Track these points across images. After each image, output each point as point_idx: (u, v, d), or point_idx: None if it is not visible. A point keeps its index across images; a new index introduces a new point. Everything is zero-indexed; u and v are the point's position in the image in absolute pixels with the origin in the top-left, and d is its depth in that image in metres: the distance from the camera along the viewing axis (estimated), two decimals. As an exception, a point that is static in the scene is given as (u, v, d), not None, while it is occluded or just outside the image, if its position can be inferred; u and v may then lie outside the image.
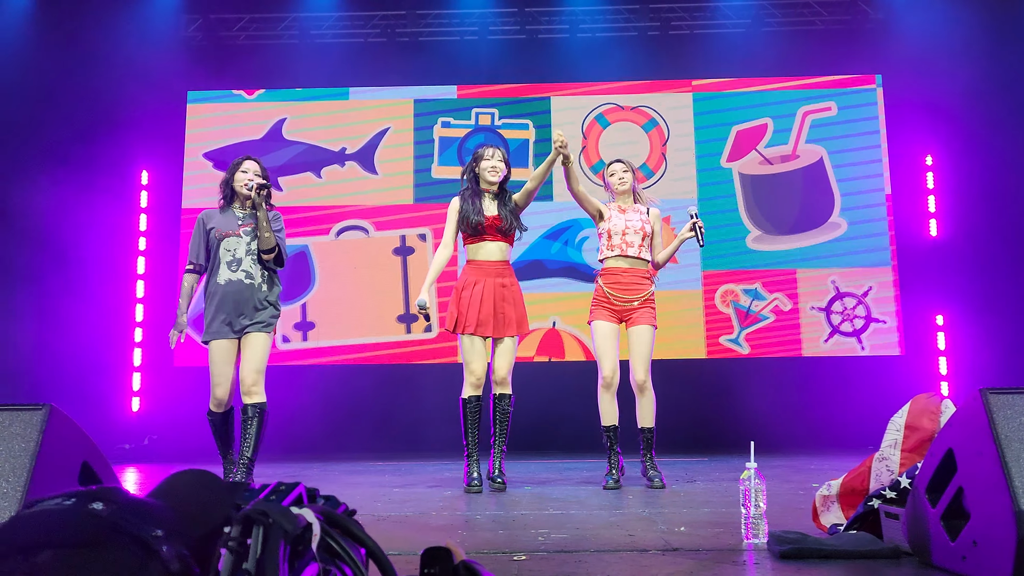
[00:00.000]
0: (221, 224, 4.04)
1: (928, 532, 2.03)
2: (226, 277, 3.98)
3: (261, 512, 1.12)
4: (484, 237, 4.14)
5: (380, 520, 3.04)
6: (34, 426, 1.89)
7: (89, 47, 7.13)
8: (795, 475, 4.60)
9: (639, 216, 4.28)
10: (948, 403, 2.37)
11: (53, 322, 6.67)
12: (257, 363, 3.97)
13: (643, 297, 4.20)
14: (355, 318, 7.30)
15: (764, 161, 7.48)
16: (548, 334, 7.27)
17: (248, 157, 4.16)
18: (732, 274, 7.33)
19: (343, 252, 7.44)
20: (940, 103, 7.16)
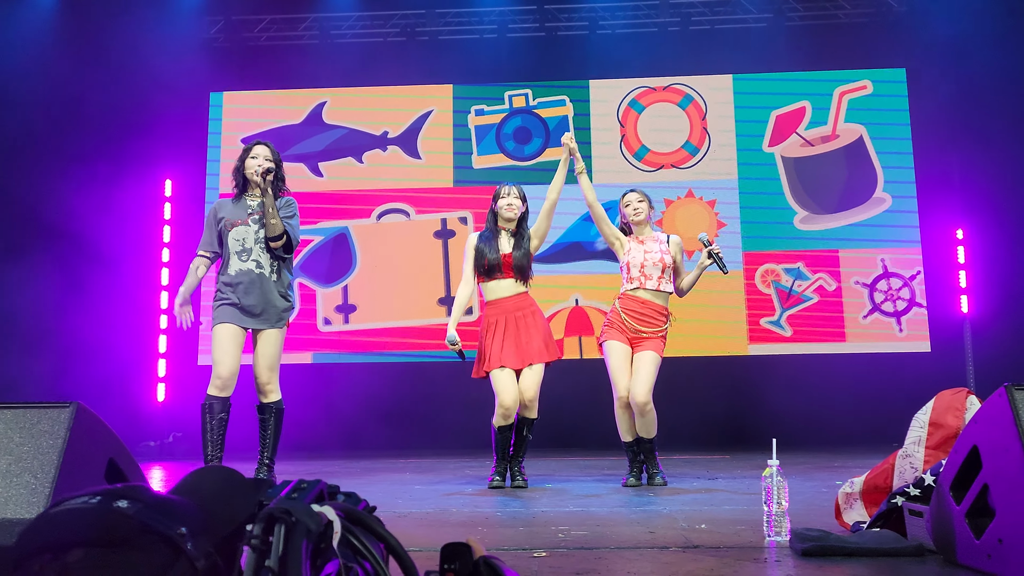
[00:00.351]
0: (231, 214, 3.91)
1: (953, 530, 2.01)
2: (237, 267, 3.85)
3: (284, 510, 1.13)
4: (497, 276, 4.21)
5: (401, 517, 3.06)
6: (61, 423, 1.92)
7: (112, 52, 7.22)
8: (818, 472, 4.57)
9: (659, 247, 4.25)
10: (973, 399, 2.34)
11: (80, 323, 6.76)
12: (271, 360, 3.86)
13: (656, 332, 4.20)
14: (397, 301, 7.34)
15: (805, 143, 7.47)
16: (573, 312, 7.30)
17: (259, 142, 4.00)
18: (774, 255, 7.32)
19: (384, 235, 7.51)
20: (968, 98, 7.06)
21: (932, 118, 7.31)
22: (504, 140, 7.60)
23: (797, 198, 7.39)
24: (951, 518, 2.02)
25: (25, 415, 1.94)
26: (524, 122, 7.63)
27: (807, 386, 6.91)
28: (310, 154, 7.65)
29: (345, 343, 7.37)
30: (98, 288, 6.90)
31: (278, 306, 3.89)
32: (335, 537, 1.18)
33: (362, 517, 1.26)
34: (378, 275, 7.43)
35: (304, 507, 1.16)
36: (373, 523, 1.27)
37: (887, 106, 7.49)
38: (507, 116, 7.66)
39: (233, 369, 3.81)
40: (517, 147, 7.62)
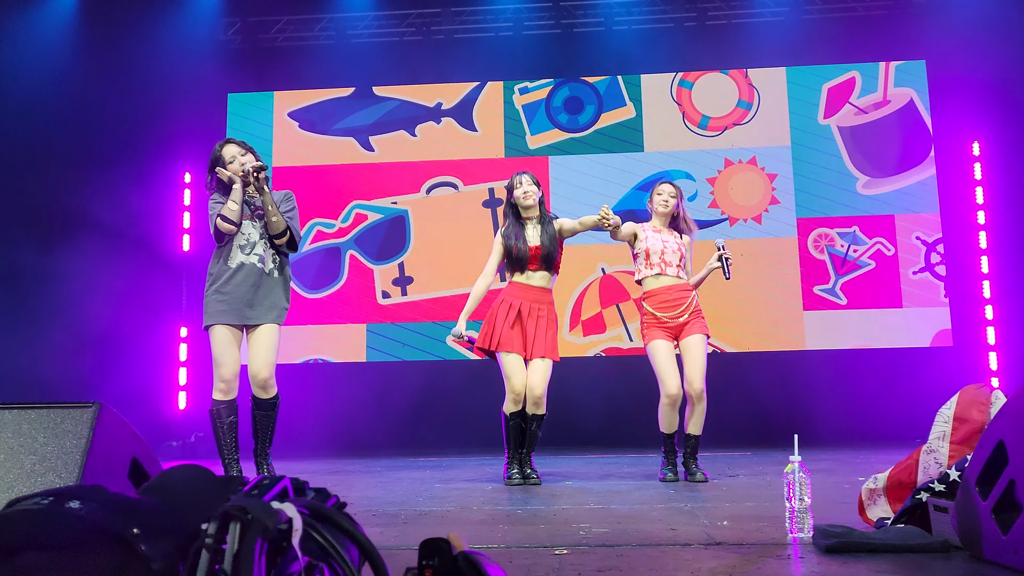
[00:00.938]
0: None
1: (979, 526, 1.99)
2: (239, 260, 3.79)
3: (240, 508, 1.10)
4: (528, 268, 4.20)
5: (421, 515, 3.07)
6: (85, 423, 1.94)
7: (131, 55, 7.28)
8: (841, 468, 4.53)
9: (675, 238, 4.35)
10: (998, 394, 2.31)
11: (102, 322, 6.82)
12: (269, 356, 3.80)
13: (690, 309, 4.25)
14: (451, 271, 7.39)
15: (859, 112, 7.45)
16: (603, 281, 7.36)
17: (224, 143, 3.90)
18: (829, 220, 7.32)
19: (435, 208, 7.58)
20: (987, 88, 6.98)
21: (953, 108, 7.23)
22: (555, 114, 7.62)
23: (857, 164, 7.39)
24: (977, 513, 1.99)
25: (49, 415, 1.96)
26: (572, 91, 7.65)
27: (827, 383, 6.86)
28: (360, 128, 7.71)
29: (403, 314, 7.44)
30: (119, 293, 6.95)
31: (277, 303, 3.85)
32: (295, 535, 1.14)
33: (329, 514, 1.23)
34: (431, 248, 7.52)
35: (262, 504, 1.13)
36: (341, 520, 1.23)
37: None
38: (553, 88, 7.68)
39: (236, 371, 3.81)
40: (571, 118, 7.62)
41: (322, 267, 7.58)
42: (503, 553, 2.25)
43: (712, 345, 5.98)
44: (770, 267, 7.25)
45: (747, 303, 7.12)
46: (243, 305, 3.78)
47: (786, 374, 6.98)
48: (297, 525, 1.15)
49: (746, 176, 7.41)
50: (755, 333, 7.18)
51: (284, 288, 3.92)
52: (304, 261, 7.52)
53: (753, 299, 7.16)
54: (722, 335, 7.01)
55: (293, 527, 1.15)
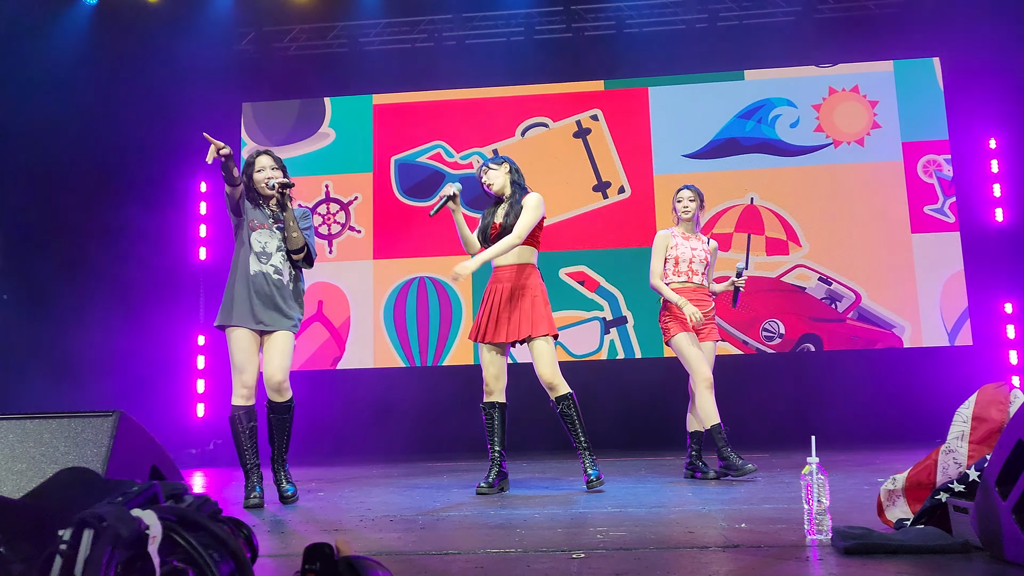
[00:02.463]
0: (254, 216, 3.91)
1: (999, 526, 1.97)
2: (256, 268, 3.85)
3: (95, 515, 1.09)
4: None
5: (439, 521, 3.07)
6: (105, 432, 1.96)
7: (145, 66, 7.36)
8: (859, 469, 4.50)
9: (702, 245, 4.54)
10: (1017, 393, 2.30)
11: (122, 331, 6.89)
12: (284, 361, 3.83)
13: (709, 313, 4.51)
14: (557, 198, 7.44)
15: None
16: (746, 210, 7.42)
17: (261, 152, 3.99)
18: (933, 144, 7.32)
19: (530, 149, 7.69)
20: (1003, 85, 6.93)
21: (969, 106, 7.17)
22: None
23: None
24: (997, 514, 1.98)
25: (70, 424, 1.98)
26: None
27: (845, 383, 6.82)
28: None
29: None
30: (137, 303, 7.01)
31: (291, 313, 3.89)
32: (152, 543, 1.14)
33: (199, 520, 1.23)
34: (535, 181, 7.52)
35: (119, 511, 1.12)
36: (212, 526, 1.23)
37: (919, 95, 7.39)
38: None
39: (254, 375, 3.84)
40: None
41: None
42: (521, 557, 2.26)
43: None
44: (876, 190, 7.31)
45: (855, 226, 7.24)
46: (260, 311, 3.82)
47: (803, 375, 6.94)
48: (155, 532, 1.15)
49: (851, 105, 7.48)
50: (862, 259, 7.22)
51: (298, 300, 3.96)
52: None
53: (860, 222, 7.25)
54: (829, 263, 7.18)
55: (151, 534, 1.15)
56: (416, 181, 7.77)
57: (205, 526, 1.23)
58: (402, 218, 7.69)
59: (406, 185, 7.78)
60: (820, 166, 7.39)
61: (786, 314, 7.22)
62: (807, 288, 7.24)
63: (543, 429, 6.12)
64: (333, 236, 7.75)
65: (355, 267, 7.69)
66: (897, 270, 7.17)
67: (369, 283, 7.66)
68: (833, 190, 7.32)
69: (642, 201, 7.51)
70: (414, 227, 7.59)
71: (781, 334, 7.19)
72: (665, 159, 7.54)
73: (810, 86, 7.51)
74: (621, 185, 7.57)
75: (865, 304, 7.17)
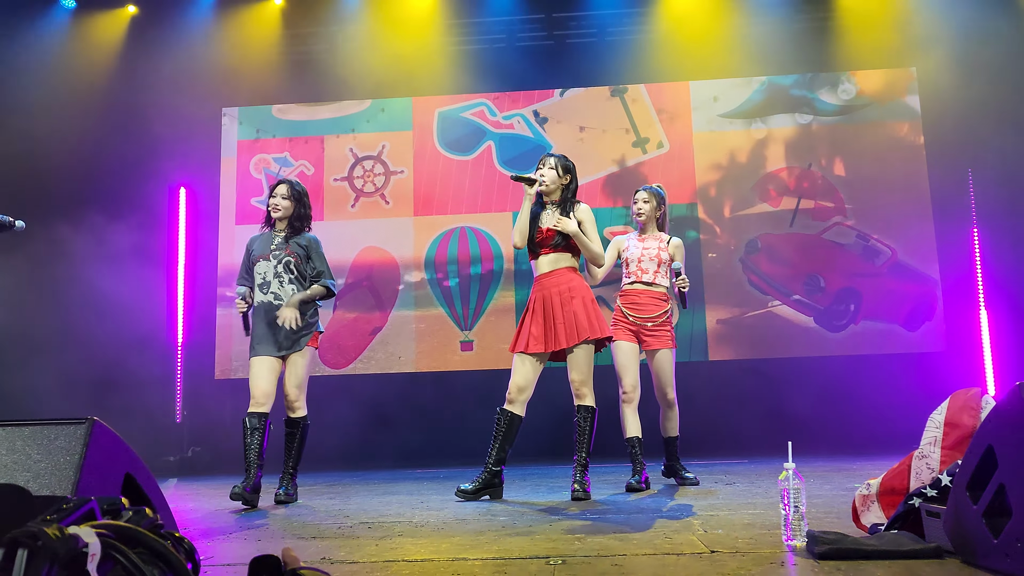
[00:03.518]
0: (258, 249, 4.30)
1: (970, 530, 2.00)
2: (259, 299, 4.23)
3: (29, 534, 1.07)
4: (538, 253, 4.04)
5: (417, 527, 3.07)
6: (78, 439, 1.94)
7: (126, 70, 7.32)
8: (835, 475, 4.54)
9: (657, 244, 4.44)
10: (988, 398, 2.33)
11: (98, 338, 6.82)
12: (298, 380, 4.18)
13: (659, 318, 4.37)
14: (596, 154, 7.60)
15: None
16: (798, 173, 7.52)
17: (281, 182, 4.32)
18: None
19: (571, 110, 7.79)
20: (978, 98, 7.00)
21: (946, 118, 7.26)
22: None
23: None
24: (968, 518, 2.00)
25: (43, 432, 1.97)
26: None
27: (821, 389, 6.87)
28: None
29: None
30: (116, 308, 6.95)
31: (297, 334, 4.19)
32: (92, 560, 1.11)
33: (138, 536, 1.20)
34: (574, 137, 7.74)
35: (55, 529, 1.10)
36: (151, 541, 1.20)
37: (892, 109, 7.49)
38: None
39: (265, 389, 4.12)
40: None
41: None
42: (499, 564, 2.26)
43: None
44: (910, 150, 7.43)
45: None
46: (273, 337, 4.18)
47: (780, 382, 6.98)
48: (94, 550, 1.12)
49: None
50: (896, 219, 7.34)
51: (305, 319, 4.20)
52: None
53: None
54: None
55: (89, 552, 1.12)
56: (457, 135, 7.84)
57: (145, 541, 1.20)
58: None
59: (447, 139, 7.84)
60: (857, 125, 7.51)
61: (826, 270, 7.33)
62: (846, 245, 7.36)
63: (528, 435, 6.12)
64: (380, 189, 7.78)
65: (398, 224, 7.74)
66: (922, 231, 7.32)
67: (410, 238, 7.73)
68: (866, 148, 7.45)
69: (683, 156, 7.59)
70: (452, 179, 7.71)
71: (822, 288, 7.30)
72: (703, 117, 7.66)
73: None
74: (660, 141, 7.65)
75: (901, 259, 7.30)
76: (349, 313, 7.58)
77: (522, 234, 4.00)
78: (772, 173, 7.54)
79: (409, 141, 7.80)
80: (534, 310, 4.00)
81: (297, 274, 4.22)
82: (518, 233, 4.00)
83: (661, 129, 7.66)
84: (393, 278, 7.64)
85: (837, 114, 7.54)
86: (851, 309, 7.25)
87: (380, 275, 7.65)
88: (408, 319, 7.55)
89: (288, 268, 4.21)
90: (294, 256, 4.22)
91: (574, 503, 3.69)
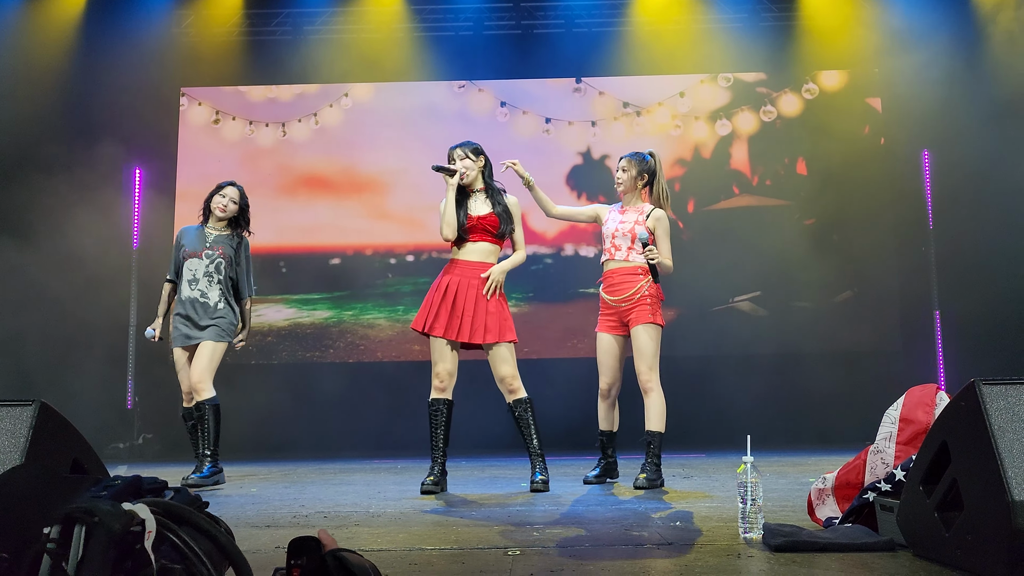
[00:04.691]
0: (189, 245, 4.46)
1: (923, 524, 2.03)
2: (186, 294, 4.41)
3: (85, 510, 1.04)
4: (466, 240, 3.97)
5: (374, 516, 3.03)
6: (23, 422, 1.88)
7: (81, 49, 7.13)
8: (792, 469, 4.60)
9: (636, 217, 4.08)
10: (942, 395, 2.36)
11: (49, 319, 6.65)
12: (204, 364, 4.33)
13: (634, 296, 4.01)
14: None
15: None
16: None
17: (231, 183, 4.52)
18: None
19: (537, 101, 7.73)
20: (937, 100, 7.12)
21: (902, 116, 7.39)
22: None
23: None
24: (921, 513, 2.03)
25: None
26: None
27: (780, 384, 6.97)
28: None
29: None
30: (68, 292, 6.76)
31: (219, 324, 4.39)
32: (148, 537, 1.08)
33: (186, 514, 1.17)
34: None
35: (109, 505, 1.07)
36: (200, 520, 1.18)
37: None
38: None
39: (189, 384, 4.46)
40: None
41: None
42: (456, 555, 2.24)
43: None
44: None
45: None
46: (190, 329, 4.39)
47: (739, 376, 7.05)
48: (150, 527, 1.10)
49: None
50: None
51: (225, 311, 4.43)
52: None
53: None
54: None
55: (146, 529, 1.09)
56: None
57: (192, 519, 1.17)
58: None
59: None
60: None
61: (786, 266, 7.30)
62: (806, 241, 7.35)
63: (485, 426, 6.12)
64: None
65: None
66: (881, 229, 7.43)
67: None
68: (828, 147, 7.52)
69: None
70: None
71: (781, 283, 7.37)
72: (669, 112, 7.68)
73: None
74: (625, 134, 7.59)
75: (859, 256, 7.38)
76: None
77: (451, 226, 3.94)
78: (736, 170, 7.61)
79: (372, 127, 7.72)
80: (445, 293, 3.91)
81: (224, 276, 4.44)
82: (447, 225, 3.94)
83: (627, 123, 7.68)
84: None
85: (800, 113, 7.63)
86: (809, 306, 7.34)
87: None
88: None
89: (218, 269, 4.42)
90: (226, 259, 4.45)
91: (533, 495, 3.69)
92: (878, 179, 7.45)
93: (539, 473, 3.88)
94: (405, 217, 7.57)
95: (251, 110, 7.76)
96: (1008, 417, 1.83)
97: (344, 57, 7.67)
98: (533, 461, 3.94)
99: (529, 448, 3.96)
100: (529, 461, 3.96)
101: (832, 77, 7.66)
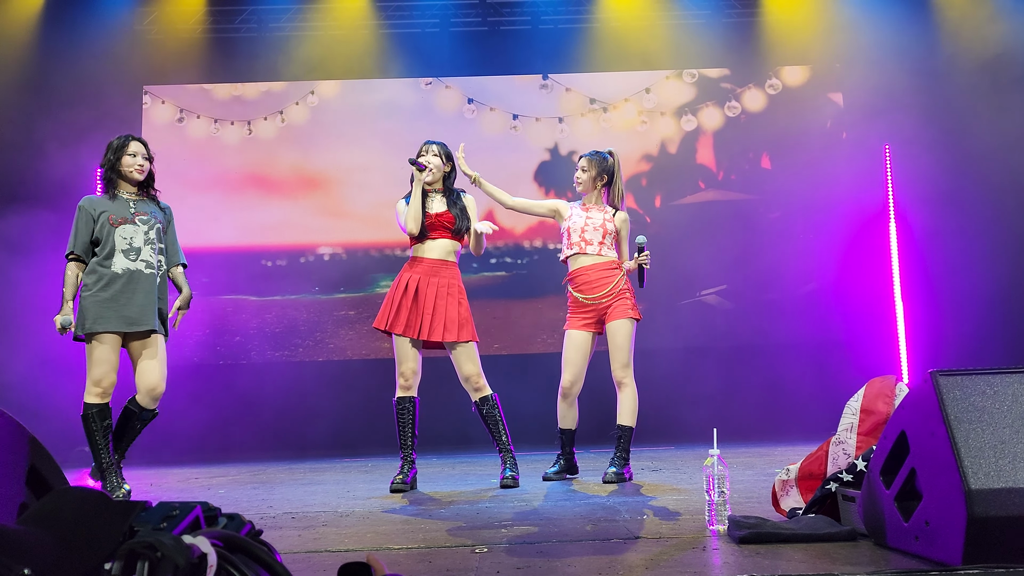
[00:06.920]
0: (113, 210, 3.78)
1: (883, 514, 2.06)
2: (123, 265, 3.72)
3: (147, 544, 1.03)
4: (426, 237, 3.97)
5: (342, 516, 3.02)
6: (-25, 430, 1.83)
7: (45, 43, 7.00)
8: (757, 460, 4.65)
9: (603, 215, 4.10)
10: (902, 386, 2.40)
11: (11, 322, 6.52)
12: (163, 366, 3.84)
13: (613, 291, 4.01)
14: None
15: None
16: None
17: (134, 137, 3.86)
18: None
19: (503, 98, 7.53)
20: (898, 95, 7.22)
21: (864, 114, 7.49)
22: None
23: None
24: (881, 502, 2.07)
25: (-62, 422, 1.85)
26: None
27: (744, 376, 7.04)
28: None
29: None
30: (26, 292, 6.63)
31: (164, 311, 3.86)
32: (210, 571, 1.07)
33: (244, 544, 1.16)
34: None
35: (172, 539, 1.06)
36: (257, 551, 1.16)
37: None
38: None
39: (114, 379, 3.81)
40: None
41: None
42: (424, 553, 2.23)
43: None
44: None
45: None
46: (131, 310, 3.72)
47: (706, 369, 7.10)
48: (212, 560, 1.08)
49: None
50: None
51: (165, 294, 3.89)
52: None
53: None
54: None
55: (208, 563, 1.07)
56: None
57: (250, 550, 1.15)
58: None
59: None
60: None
61: (752, 260, 7.39)
62: (770, 235, 7.49)
63: (457, 422, 6.11)
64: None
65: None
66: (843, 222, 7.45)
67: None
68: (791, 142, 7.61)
69: (614, 146, 6.96)
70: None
71: (747, 277, 7.45)
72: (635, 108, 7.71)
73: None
74: (592, 130, 7.62)
75: (822, 249, 7.44)
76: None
77: (416, 220, 3.92)
78: (702, 164, 7.67)
79: (339, 124, 7.66)
80: (406, 290, 3.90)
81: (160, 242, 3.84)
82: (412, 220, 3.92)
83: (593, 119, 7.70)
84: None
85: (764, 108, 7.70)
86: (774, 298, 7.42)
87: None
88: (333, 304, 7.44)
89: (159, 235, 3.83)
90: (161, 223, 3.86)
91: (503, 491, 3.69)
92: (841, 172, 7.53)
93: (509, 469, 3.90)
94: (370, 215, 7.53)
95: (216, 108, 7.66)
96: (964, 407, 1.87)
97: (310, 54, 7.60)
98: (503, 458, 3.95)
99: (498, 445, 3.98)
100: (502, 460, 3.96)
101: (795, 72, 7.75)
